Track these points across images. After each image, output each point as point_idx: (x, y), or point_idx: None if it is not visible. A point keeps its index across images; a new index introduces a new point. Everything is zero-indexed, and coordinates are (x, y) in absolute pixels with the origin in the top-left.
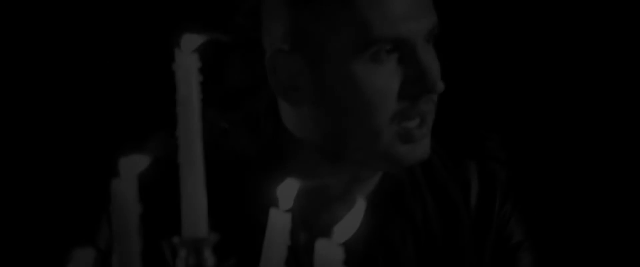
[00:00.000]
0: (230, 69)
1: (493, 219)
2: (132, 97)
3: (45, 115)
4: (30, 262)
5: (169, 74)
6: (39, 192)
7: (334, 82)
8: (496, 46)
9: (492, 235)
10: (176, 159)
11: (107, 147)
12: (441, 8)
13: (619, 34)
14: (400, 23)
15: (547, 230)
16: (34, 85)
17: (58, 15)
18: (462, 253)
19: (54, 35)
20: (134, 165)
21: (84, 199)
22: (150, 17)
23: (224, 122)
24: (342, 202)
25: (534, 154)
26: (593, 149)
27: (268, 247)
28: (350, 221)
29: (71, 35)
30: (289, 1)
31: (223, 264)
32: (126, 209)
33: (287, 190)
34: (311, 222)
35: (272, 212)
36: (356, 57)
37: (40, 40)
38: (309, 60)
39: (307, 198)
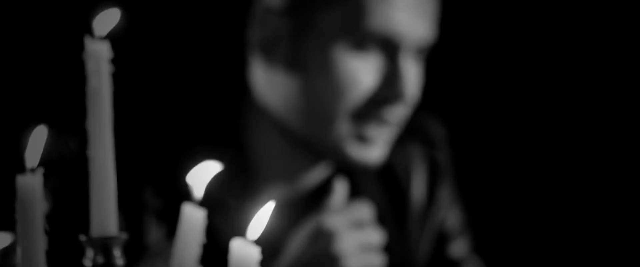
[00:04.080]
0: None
1: (433, 203)
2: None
3: None
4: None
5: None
6: None
7: (311, 55)
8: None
9: (432, 219)
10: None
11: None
12: None
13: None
14: (394, 22)
15: (485, 215)
16: None
17: None
18: (406, 236)
19: None
20: (38, 158)
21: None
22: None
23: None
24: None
25: (474, 139)
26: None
27: (181, 246)
28: (260, 220)
29: None
30: None
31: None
32: (31, 205)
33: (203, 175)
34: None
35: (186, 208)
36: (341, 39)
37: None
38: (295, 25)
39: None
